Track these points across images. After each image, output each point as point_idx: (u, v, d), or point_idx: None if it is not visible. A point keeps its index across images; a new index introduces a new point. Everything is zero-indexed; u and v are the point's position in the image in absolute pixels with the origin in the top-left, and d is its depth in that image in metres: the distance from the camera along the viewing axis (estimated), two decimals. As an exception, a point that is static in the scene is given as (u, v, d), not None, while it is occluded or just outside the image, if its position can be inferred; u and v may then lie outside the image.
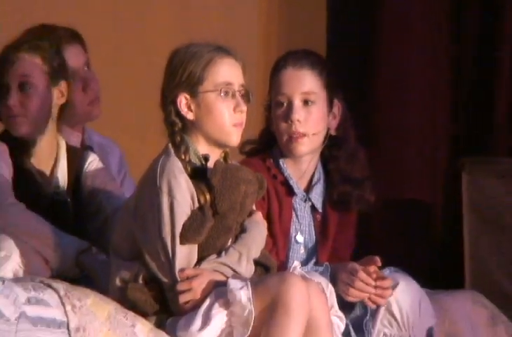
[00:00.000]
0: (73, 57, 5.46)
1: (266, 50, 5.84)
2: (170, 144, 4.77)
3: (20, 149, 5.22)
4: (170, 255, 4.65)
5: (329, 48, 6.78)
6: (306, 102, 5.05)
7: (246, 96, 4.80)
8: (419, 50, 7.50)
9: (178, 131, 4.77)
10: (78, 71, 5.53)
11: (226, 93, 4.77)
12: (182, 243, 4.65)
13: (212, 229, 4.70)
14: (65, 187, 5.29)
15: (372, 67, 7.19)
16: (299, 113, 5.01)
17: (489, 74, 7.62)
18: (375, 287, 4.78)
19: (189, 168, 4.72)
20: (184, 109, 4.75)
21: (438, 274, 5.56)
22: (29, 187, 5.17)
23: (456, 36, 7.60)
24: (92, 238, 5.17)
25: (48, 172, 5.26)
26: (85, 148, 5.50)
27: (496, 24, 7.63)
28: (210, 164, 4.76)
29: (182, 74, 4.77)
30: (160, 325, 4.67)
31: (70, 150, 5.32)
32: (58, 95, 5.25)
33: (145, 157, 4.94)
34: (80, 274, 4.89)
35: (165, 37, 5.76)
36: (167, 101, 4.78)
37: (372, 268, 4.80)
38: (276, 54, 5.42)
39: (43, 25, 5.52)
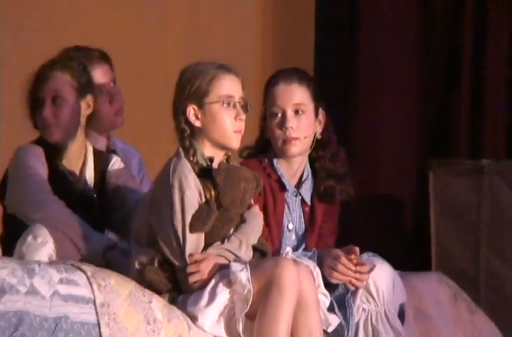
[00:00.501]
0: (101, 74, 5.45)
1: (262, 68, 5.82)
2: (180, 148, 4.78)
3: (54, 152, 5.21)
4: (181, 242, 4.67)
5: (316, 68, 6.73)
6: (297, 112, 5.04)
7: (245, 107, 4.81)
8: (393, 67, 7.41)
9: (187, 137, 4.79)
10: (106, 86, 5.50)
11: (228, 104, 4.77)
12: (191, 231, 4.67)
13: (217, 220, 4.73)
14: (92, 185, 5.28)
15: (352, 81, 7.12)
16: (291, 121, 5.00)
17: (451, 88, 7.54)
18: (355, 272, 4.80)
19: (197, 168, 4.73)
20: (192, 118, 4.76)
21: (409, 259, 5.55)
22: (62, 184, 5.17)
23: (424, 53, 7.50)
24: (115, 228, 5.19)
25: (77, 172, 5.26)
26: (110, 151, 5.49)
27: (457, 41, 7.56)
28: (215, 165, 4.77)
29: (190, 88, 4.79)
30: (172, 301, 4.69)
31: (96, 153, 5.31)
32: (85, 107, 5.25)
33: (160, 159, 4.94)
34: (104, 265, 4.89)
35: (178, 56, 5.74)
36: (178, 111, 4.80)
37: (353, 255, 4.82)
38: (270, 72, 5.41)
39: (77, 47, 5.49)
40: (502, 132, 7.27)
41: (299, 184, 5.11)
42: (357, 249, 4.82)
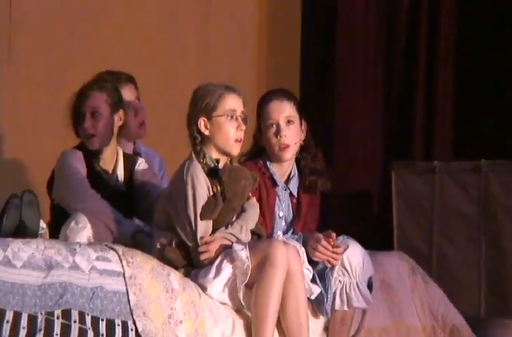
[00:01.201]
0: (128, 93, 5.41)
1: (258, 90, 5.80)
2: (192, 152, 4.79)
3: (91, 156, 5.22)
4: (193, 227, 4.68)
5: (302, 91, 6.65)
6: (288, 123, 5.00)
7: (245, 120, 4.81)
8: (362, 88, 7.33)
9: (198, 143, 4.79)
10: (132, 103, 5.47)
11: (232, 117, 4.77)
12: (201, 219, 4.68)
13: (222, 210, 4.73)
14: (122, 181, 5.28)
15: (328, 99, 7.06)
16: (285, 130, 4.98)
17: (408, 106, 7.41)
18: (332, 252, 4.81)
19: (206, 169, 4.74)
20: (202, 128, 4.76)
21: (376, 241, 5.54)
22: (98, 181, 5.17)
23: (387, 71, 7.46)
24: (141, 215, 5.19)
25: (110, 171, 5.25)
26: (136, 154, 5.46)
27: (412, 66, 7.50)
28: (220, 165, 4.78)
29: (201, 103, 4.79)
30: (186, 275, 4.70)
31: (125, 156, 5.31)
32: (118, 120, 5.24)
33: (177, 160, 4.93)
34: (132, 245, 4.89)
35: (190, 78, 5.71)
36: (192, 122, 4.80)
37: (331, 239, 4.82)
38: (265, 91, 5.42)
39: (108, 71, 5.44)
40: (449, 138, 7.19)
41: (287, 181, 5.07)
42: (334, 234, 4.81)
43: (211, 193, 4.74)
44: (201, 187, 4.71)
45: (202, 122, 4.77)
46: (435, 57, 7.55)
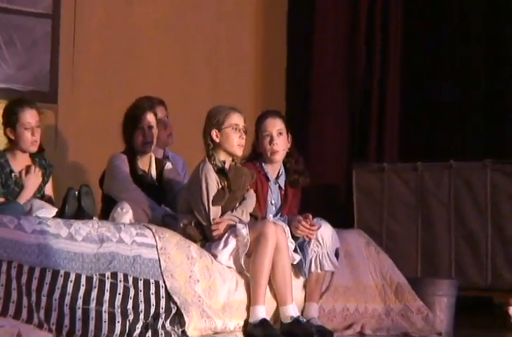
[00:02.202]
0: (160, 112, 5.35)
1: (255, 111, 5.75)
2: (206, 156, 4.77)
3: (133, 158, 5.16)
4: (207, 211, 4.67)
5: (288, 109, 6.58)
6: (279, 134, 4.98)
7: (245, 131, 4.79)
8: (331, 106, 7.10)
9: (210, 149, 4.76)
10: (162, 119, 5.41)
11: (235, 129, 4.75)
12: (213, 205, 4.66)
13: (228, 199, 4.71)
14: (155, 178, 5.22)
15: (305, 117, 6.95)
16: (276, 140, 4.94)
17: (365, 115, 7.17)
18: (309, 229, 4.81)
19: (215, 168, 4.71)
20: (214, 137, 4.74)
21: (341, 221, 5.48)
22: (137, 177, 5.13)
23: (352, 83, 7.20)
24: (168, 203, 5.13)
25: (146, 170, 5.20)
26: (165, 158, 5.42)
27: (369, 80, 7.19)
28: (226, 166, 4.76)
29: (213, 120, 4.77)
30: (202, 246, 4.69)
31: (157, 160, 5.26)
32: (156, 132, 5.21)
33: (194, 162, 4.93)
34: (162, 225, 4.84)
35: (204, 101, 5.66)
36: (206, 133, 4.77)
37: (308, 219, 4.82)
38: (260, 111, 5.37)
39: (146, 96, 5.36)
40: (396, 144, 7.06)
41: (277, 177, 5.03)
42: (310, 216, 4.77)
43: (220, 186, 4.71)
44: (212, 182, 4.69)
45: (214, 133, 4.76)
46: (385, 86, 7.31)
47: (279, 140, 5.00)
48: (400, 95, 7.13)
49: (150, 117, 5.14)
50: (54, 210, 4.84)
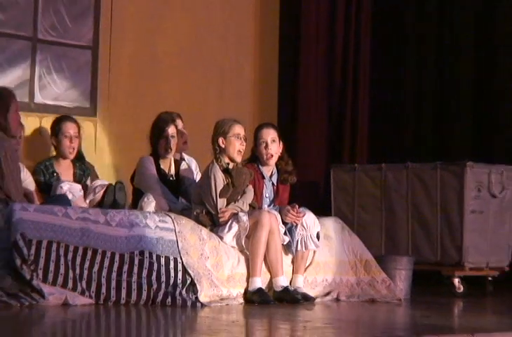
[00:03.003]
0: (179, 124, 5.28)
1: (253, 122, 5.73)
2: (214, 159, 4.75)
3: (157, 160, 5.11)
4: (215, 202, 4.65)
5: (279, 121, 6.50)
6: (272, 141, 4.93)
7: (245, 139, 4.79)
8: (315, 114, 6.90)
9: (217, 153, 4.75)
10: (180, 130, 5.29)
11: (237, 137, 4.74)
12: (219, 197, 4.65)
13: (232, 193, 4.70)
14: (174, 175, 5.16)
15: (293, 126, 6.74)
16: (270, 146, 4.91)
17: (340, 122, 7.02)
18: (296, 216, 4.74)
19: (222, 168, 4.70)
20: (220, 144, 4.73)
21: (322, 211, 5.43)
22: (161, 175, 5.08)
23: (330, 102, 6.93)
24: (183, 196, 5.08)
25: (167, 170, 5.14)
26: (181, 160, 5.33)
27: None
28: (231, 166, 4.73)
29: (220, 130, 4.76)
30: (211, 230, 4.67)
31: (175, 161, 5.21)
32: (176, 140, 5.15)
33: (204, 163, 4.93)
34: (180, 213, 4.81)
35: (213, 115, 5.60)
36: (214, 141, 4.77)
37: (295, 208, 4.79)
38: (258, 123, 5.36)
39: (166, 112, 5.27)
40: (365, 148, 6.95)
41: (271, 176, 4.99)
42: (297, 205, 4.76)
43: (225, 183, 4.69)
44: (219, 180, 4.68)
45: (220, 140, 4.75)
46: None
47: (273, 147, 4.97)
48: (368, 112, 6.99)
49: (171, 129, 5.13)
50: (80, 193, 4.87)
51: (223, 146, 4.75)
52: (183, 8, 6.27)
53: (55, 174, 5.00)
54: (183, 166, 5.28)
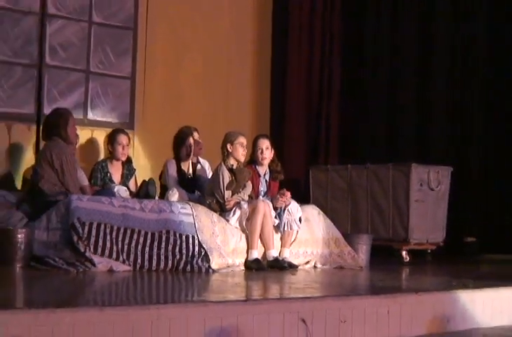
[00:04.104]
0: (196, 135, 5.22)
1: (251, 133, 5.62)
2: (222, 161, 4.71)
3: (179, 163, 5.08)
4: (223, 194, 4.63)
5: (271, 132, 6.33)
6: (266, 149, 4.87)
7: (246, 147, 4.77)
8: (297, 127, 6.74)
9: (225, 156, 4.71)
10: (197, 139, 5.21)
11: (241, 145, 4.72)
12: (226, 190, 4.62)
13: (235, 186, 4.67)
14: (191, 174, 5.14)
15: (281, 137, 6.55)
16: (264, 153, 4.86)
17: (317, 135, 6.81)
18: (284, 199, 4.71)
19: (228, 168, 4.67)
20: (228, 149, 4.69)
21: (303, 200, 5.36)
22: (181, 174, 5.07)
23: (309, 121, 6.72)
24: (199, 190, 5.05)
25: (186, 170, 5.12)
26: (197, 162, 5.28)
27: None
28: (235, 167, 4.70)
29: (229, 138, 4.72)
30: (220, 215, 4.63)
31: (193, 163, 5.17)
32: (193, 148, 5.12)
33: (214, 164, 4.90)
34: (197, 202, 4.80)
35: (221, 127, 5.49)
36: (224, 146, 4.72)
37: (283, 193, 4.75)
38: (255, 134, 5.28)
39: (186, 126, 5.23)
40: (336, 151, 6.79)
41: (264, 175, 4.94)
42: (285, 189, 4.75)
43: (230, 179, 4.66)
44: (226, 176, 4.65)
45: (229, 146, 4.71)
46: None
47: (266, 152, 4.93)
48: (338, 125, 6.86)
49: (190, 139, 5.10)
50: (126, 193, 4.85)
51: (230, 150, 4.71)
52: (198, 48, 6.26)
53: (108, 174, 4.98)
54: (199, 167, 5.25)
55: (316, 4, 6.74)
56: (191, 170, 5.18)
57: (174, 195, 4.85)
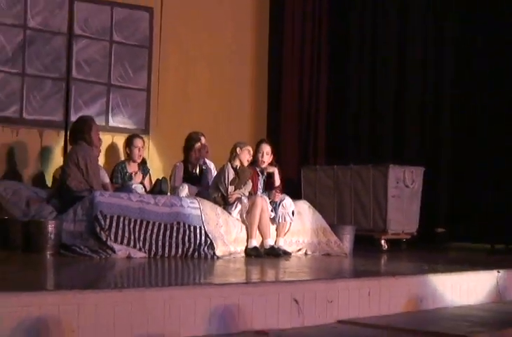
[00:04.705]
0: (203, 140, 5.14)
1: (251, 140, 5.57)
2: (228, 161, 4.67)
3: (186, 164, 5.05)
4: (226, 189, 4.59)
5: (268, 138, 6.28)
6: (267, 154, 4.84)
7: (250, 152, 4.74)
8: (291, 134, 6.65)
9: (232, 157, 4.66)
10: (204, 144, 5.12)
11: (249, 152, 4.70)
12: (230, 185, 4.59)
13: (237, 183, 4.64)
14: (198, 173, 5.09)
15: (277, 143, 6.37)
16: (265, 156, 4.84)
17: (308, 140, 6.69)
18: (278, 195, 4.72)
19: (232, 168, 4.64)
20: (237, 151, 4.66)
21: (295, 196, 5.34)
22: (189, 174, 5.03)
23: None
24: (204, 186, 4.98)
25: (194, 170, 5.06)
26: (204, 163, 5.18)
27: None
28: (238, 167, 4.66)
29: (238, 145, 4.69)
30: (224, 208, 4.59)
31: (199, 164, 5.09)
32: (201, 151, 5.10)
33: (218, 165, 4.87)
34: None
35: (223, 136, 5.56)
36: (233, 149, 4.68)
37: (278, 189, 4.77)
38: (253, 139, 5.28)
39: (194, 131, 5.16)
40: (323, 153, 6.69)
41: (263, 174, 4.91)
42: (279, 188, 4.78)
43: (233, 177, 4.64)
44: (230, 174, 4.62)
45: (238, 149, 4.67)
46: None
47: (266, 157, 4.89)
48: (325, 133, 6.78)
49: (198, 144, 5.07)
50: (142, 189, 4.83)
51: (238, 153, 4.67)
52: (204, 65, 6.24)
53: (127, 173, 4.97)
54: (204, 167, 5.21)
55: (306, 34, 6.70)
56: (197, 170, 5.12)
57: (183, 190, 4.82)
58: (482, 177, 6.01)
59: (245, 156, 4.66)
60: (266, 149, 4.87)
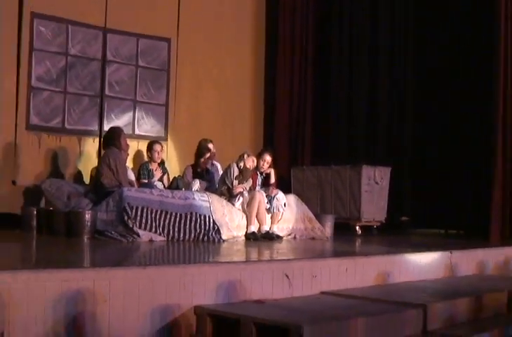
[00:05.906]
0: (211, 146, 5.06)
1: (251, 148, 5.52)
2: (235, 162, 4.65)
3: (195, 167, 5.00)
4: (231, 184, 4.58)
5: (265, 145, 6.24)
6: (267, 163, 4.80)
7: (253, 159, 4.71)
8: (284, 139, 6.50)
9: (239, 159, 4.64)
10: (212, 150, 5.07)
11: (253, 160, 4.67)
12: (234, 180, 4.57)
13: (241, 179, 4.62)
14: (205, 173, 5.01)
15: (272, 149, 6.17)
16: (265, 164, 4.80)
17: (297, 144, 6.62)
18: (272, 190, 4.67)
19: (237, 167, 4.62)
20: (245, 157, 4.64)
21: (286, 191, 5.29)
22: (198, 174, 4.97)
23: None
24: (211, 184, 4.93)
25: (202, 172, 5.01)
26: (212, 165, 5.12)
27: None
28: (241, 167, 4.63)
29: (246, 153, 4.67)
30: (228, 200, 4.56)
31: (207, 166, 5.06)
32: (209, 156, 5.03)
33: (224, 165, 4.83)
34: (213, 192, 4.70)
35: (227, 142, 5.51)
36: (242, 155, 4.65)
37: (274, 187, 4.74)
38: (253, 148, 5.24)
39: (204, 138, 5.12)
40: (308, 157, 6.52)
41: (261, 174, 4.88)
42: (274, 186, 4.76)
43: (237, 174, 4.61)
44: (235, 172, 4.60)
45: (245, 155, 4.64)
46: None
47: (265, 165, 4.84)
48: (311, 141, 6.64)
49: (207, 155, 5.03)
50: (161, 186, 4.79)
51: (245, 158, 4.64)
52: (213, 85, 6.22)
53: (150, 171, 4.91)
54: (213, 168, 5.15)
55: (295, 57, 6.59)
56: (204, 171, 5.07)
57: (196, 184, 4.79)
58: (438, 175, 5.99)
59: (249, 162, 4.61)
60: (267, 158, 4.80)
